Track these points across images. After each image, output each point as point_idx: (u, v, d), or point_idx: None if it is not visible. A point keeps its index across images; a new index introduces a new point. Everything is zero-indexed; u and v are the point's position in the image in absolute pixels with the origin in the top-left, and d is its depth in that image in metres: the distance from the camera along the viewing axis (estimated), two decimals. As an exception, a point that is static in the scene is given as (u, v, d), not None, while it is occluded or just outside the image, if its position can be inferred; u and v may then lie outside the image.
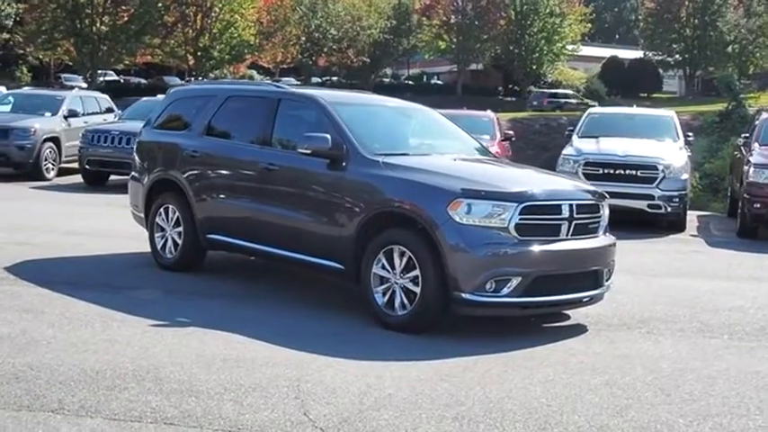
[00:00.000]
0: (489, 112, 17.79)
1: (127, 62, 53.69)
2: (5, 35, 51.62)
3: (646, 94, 59.26)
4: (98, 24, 49.80)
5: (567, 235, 6.85)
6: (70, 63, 53.46)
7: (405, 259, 6.69)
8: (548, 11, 56.82)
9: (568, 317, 7.59)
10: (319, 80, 60.98)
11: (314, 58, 56.49)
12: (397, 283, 6.74)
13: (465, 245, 6.46)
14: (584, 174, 13.94)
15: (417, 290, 6.60)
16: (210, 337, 6.22)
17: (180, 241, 8.58)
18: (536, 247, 6.62)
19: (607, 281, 7.33)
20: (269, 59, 62.32)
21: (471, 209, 6.51)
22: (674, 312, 7.95)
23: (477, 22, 59.32)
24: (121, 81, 56.70)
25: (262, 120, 8.10)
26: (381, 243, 6.83)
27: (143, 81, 57.42)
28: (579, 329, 7.19)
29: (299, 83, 61.69)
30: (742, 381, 5.83)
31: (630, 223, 14.32)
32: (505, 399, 5.19)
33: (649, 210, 13.84)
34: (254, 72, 72.62)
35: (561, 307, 7.18)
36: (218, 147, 8.40)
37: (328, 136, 7.30)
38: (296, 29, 55.64)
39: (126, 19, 51.05)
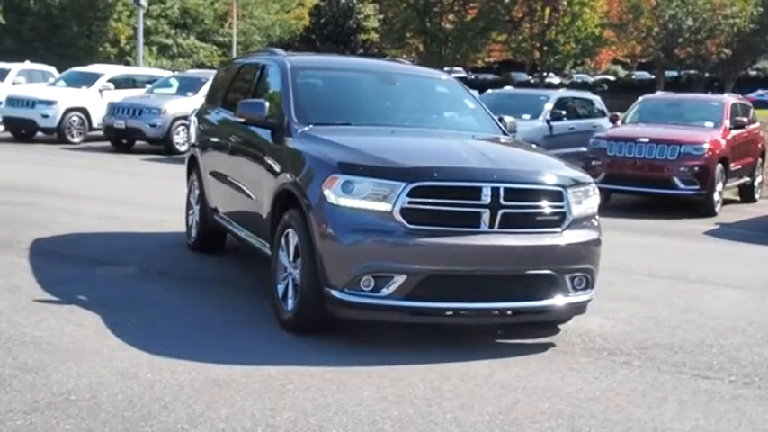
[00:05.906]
0: (725, 97, 15.00)
1: (476, 59, 54.42)
2: (364, 35, 54.71)
3: None
4: (444, 23, 51.08)
5: (490, 226, 5.32)
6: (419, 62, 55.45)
7: (294, 246, 5.67)
8: None
9: (557, 331, 6.00)
10: (675, 74, 56.95)
11: (668, 52, 52.52)
12: (290, 274, 5.73)
13: (334, 231, 5.28)
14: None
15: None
16: (77, 319, 5.70)
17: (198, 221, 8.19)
18: (432, 240, 5.21)
19: (581, 289, 5.63)
20: (625, 53, 59.49)
21: (352, 187, 5.29)
22: (717, 342, 6.03)
23: None
24: (469, 77, 57.57)
25: (248, 89, 7.42)
26: (283, 226, 5.86)
27: (488, 77, 57.85)
28: (533, 349, 5.64)
29: (652, 77, 58.33)
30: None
31: None
32: (237, 417, 4.14)
33: None
34: (618, 68, 69.89)
35: (478, 318, 5.55)
36: (219, 120, 7.85)
37: (266, 103, 6.44)
38: (649, 20, 52.25)
39: (473, 16, 51.76)
